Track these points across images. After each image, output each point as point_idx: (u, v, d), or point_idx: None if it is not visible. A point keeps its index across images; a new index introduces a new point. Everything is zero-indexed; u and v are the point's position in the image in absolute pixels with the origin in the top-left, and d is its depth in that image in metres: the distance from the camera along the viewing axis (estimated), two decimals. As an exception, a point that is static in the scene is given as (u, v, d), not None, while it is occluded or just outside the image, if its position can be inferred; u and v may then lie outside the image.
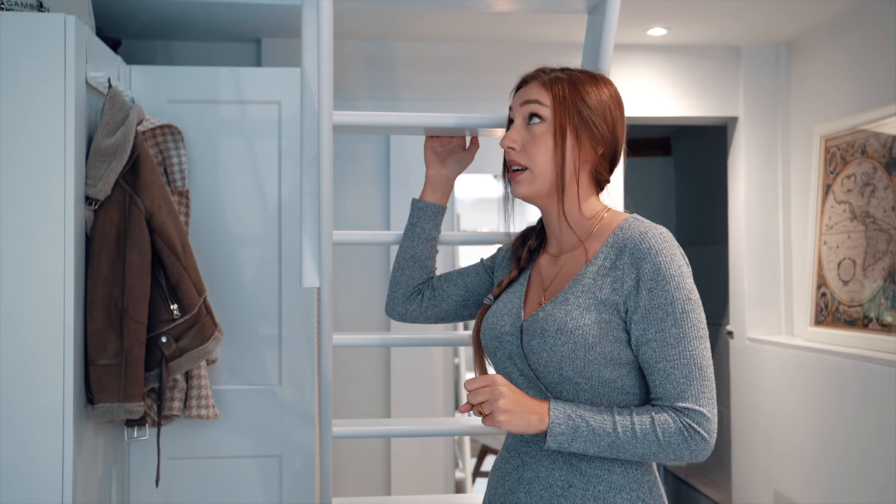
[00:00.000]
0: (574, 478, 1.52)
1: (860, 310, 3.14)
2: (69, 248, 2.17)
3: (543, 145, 1.58)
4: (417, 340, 2.56)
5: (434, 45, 3.71)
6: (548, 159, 1.57)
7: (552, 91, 1.58)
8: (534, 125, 1.59)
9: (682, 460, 1.51)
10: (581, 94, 1.58)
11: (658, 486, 1.57)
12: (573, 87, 1.58)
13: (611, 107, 1.60)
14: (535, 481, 1.55)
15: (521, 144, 1.60)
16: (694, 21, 3.44)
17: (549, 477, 1.54)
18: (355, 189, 3.72)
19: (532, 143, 1.59)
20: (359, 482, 3.71)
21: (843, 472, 3.09)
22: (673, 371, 1.47)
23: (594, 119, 1.58)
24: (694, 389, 1.47)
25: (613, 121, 1.60)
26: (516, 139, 1.60)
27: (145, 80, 2.69)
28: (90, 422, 2.29)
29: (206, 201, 2.72)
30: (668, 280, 1.47)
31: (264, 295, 2.75)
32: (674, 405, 1.47)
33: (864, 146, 3.18)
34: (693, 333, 1.47)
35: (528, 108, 1.60)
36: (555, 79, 1.60)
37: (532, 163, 1.59)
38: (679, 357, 1.47)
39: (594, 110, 1.58)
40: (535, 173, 1.59)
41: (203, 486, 2.72)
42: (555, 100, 1.58)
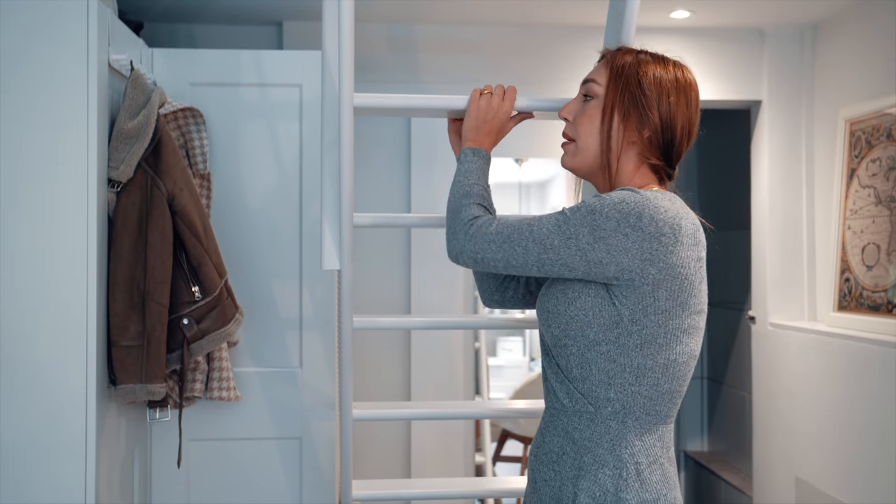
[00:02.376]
0: (567, 446, 1.58)
1: (884, 295, 3.11)
2: (92, 230, 2.18)
3: (590, 121, 1.63)
4: (438, 323, 2.56)
5: (455, 28, 3.70)
6: (592, 134, 1.63)
7: (610, 72, 1.63)
8: (587, 101, 1.65)
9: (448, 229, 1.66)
10: (638, 77, 1.61)
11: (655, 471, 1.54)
12: (633, 69, 1.62)
13: (670, 93, 1.61)
14: (542, 446, 1.64)
15: (574, 117, 1.67)
16: (718, 3, 3.41)
17: (550, 443, 1.61)
18: (376, 172, 3.71)
19: (581, 117, 1.65)
20: (379, 465, 3.73)
21: (865, 458, 3.07)
22: None
23: (644, 102, 1.60)
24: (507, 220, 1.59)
25: (670, 108, 1.61)
26: (571, 110, 1.68)
27: (167, 63, 2.69)
28: (112, 403, 2.31)
29: (228, 184, 2.72)
30: (603, 197, 1.52)
31: (285, 277, 2.76)
32: None
33: (890, 130, 3.14)
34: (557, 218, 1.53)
35: (586, 87, 1.66)
36: (619, 59, 1.64)
37: (577, 136, 1.66)
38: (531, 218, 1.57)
39: (647, 94, 1.60)
40: (578, 147, 1.66)
41: (224, 468, 2.74)
42: (609, 79, 1.62)
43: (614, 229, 1.47)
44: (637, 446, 1.53)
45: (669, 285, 1.50)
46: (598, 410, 1.54)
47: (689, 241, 1.53)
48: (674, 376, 1.55)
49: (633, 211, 1.48)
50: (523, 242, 1.53)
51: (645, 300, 1.50)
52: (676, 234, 1.50)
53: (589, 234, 1.48)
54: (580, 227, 1.49)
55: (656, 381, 1.53)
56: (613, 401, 1.53)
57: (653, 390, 1.54)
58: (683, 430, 5.12)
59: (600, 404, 1.54)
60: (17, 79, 2.15)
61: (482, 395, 4.85)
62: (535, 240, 1.52)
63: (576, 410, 1.56)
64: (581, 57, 3.69)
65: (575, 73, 3.69)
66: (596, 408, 1.54)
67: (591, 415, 1.54)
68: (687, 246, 1.52)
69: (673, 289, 1.50)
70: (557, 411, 1.60)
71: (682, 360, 1.55)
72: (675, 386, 1.56)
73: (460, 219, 1.64)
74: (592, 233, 1.48)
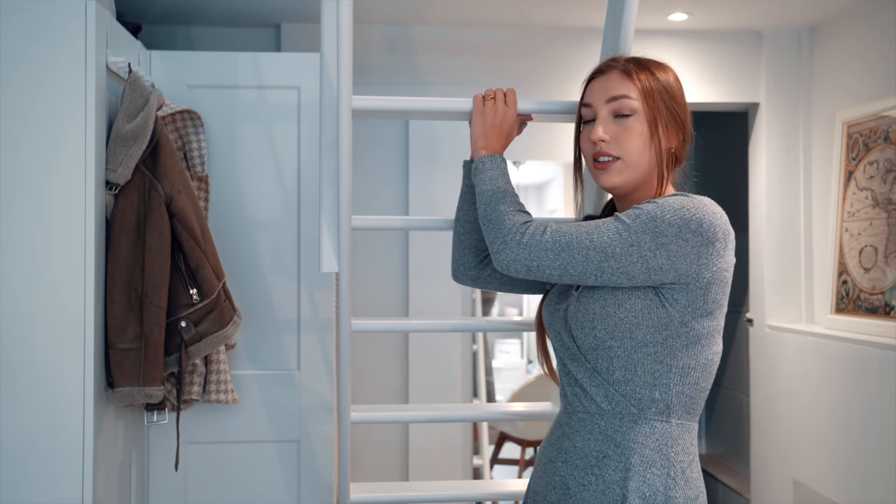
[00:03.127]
0: (609, 448, 1.56)
1: (881, 297, 3.12)
2: (90, 232, 2.17)
3: (637, 136, 1.62)
4: (436, 326, 2.56)
5: (454, 30, 3.70)
6: (641, 149, 1.62)
7: (637, 83, 1.63)
8: (625, 119, 1.63)
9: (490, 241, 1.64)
10: (663, 85, 1.65)
11: (694, 469, 1.58)
12: (654, 77, 1.64)
13: (682, 93, 1.68)
14: (572, 451, 1.60)
15: (613, 136, 1.63)
16: (715, 6, 3.41)
17: (585, 447, 1.59)
18: (374, 174, 3.71)
19: (625, 135, 1.63)
20: (377, 468, 3.72)
21: (863, 460, 3.07)
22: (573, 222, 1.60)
23: (676, 108, 1.65)
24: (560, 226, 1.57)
25: (684, 107, 1.67)
26: (608, 131, 1.64)
27: (165, 65, 2.69)
28: (110, 406, 2.30)
29: (226, 186, 2.72)
30: (659, 202, 1.54)
31: (283, 280, 2.75)
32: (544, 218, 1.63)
33: (887, 132, 3.15)
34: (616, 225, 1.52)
35: (616, 105, 1.63)
36: (636, 70, 1.65)
37: (624, 153, 1.63)
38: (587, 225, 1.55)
39: (676, 99, 1.65)
40: (626, 163, 1.63)
41: (222, 471, 2.73)
42: (643, 92, 1.63)
43: (676, 235, 1.50)
44: (680, 445, 1.56)
45: (716, 288, 1.55)
46: (642, 412, 1.56)
47: (732, 246, 1.58)
48: (709, 374, 1.60)
49: (693, 217, 1.51)
50: (583, 251, 1.53)
51: (695, 302, 1.53)
52: (726, 239, 1.55)
53: (651, 240, 1.50)
54: (642, 233, 1.50)
55: (696, 381, 1.57)
56: (658, 401, 1.55)
57: (693, 389, 1.57)
58: (681, 432, 5.11)
59: (644, 405, 1.56)
60: (14, 81, 2.15)
61: (480, 397, 4.84)
62: (596, 248, 1.52)
63: (616, 413, 1.57)
64: (578, 59, 3.69)
65: (572, 74, 3.70)
66: (639, 409, 1.56)
67: (634, 416, 1.56)
68: (731, 250, 1.57)
69: (717, 291, 1.55)
70: (591, 415, 1.60)
71: (715, 359, 1.60)
72: (708, 383, 1.61)
73: (507, 227, 1.62)
74: (654, 239, 1.50)
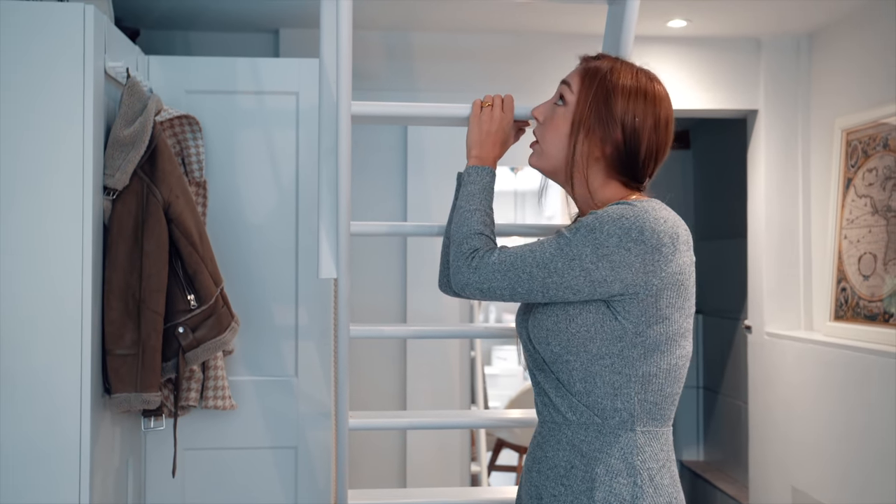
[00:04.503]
0: (575, 459, 1.55)
1: (880, 304, 3.11)
2: (87, 237, 2.16)
3: (555, 129, 1.64)
4: (434, 332, 2.55)
5: (453, 36, 3.70)
6: (556, 142, 1.63)
7: (583, 82, 1.61)
8: (557, 106, 1.64)
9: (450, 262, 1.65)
10: (609, 93, 1.58)
11: (665, 475, 1.55)
12: (606, 83, 1.59)
13: (635, 110, 1.58)
14: (544, 461, 1.60)
15: (543, 119, 1.68)
16: (714, 12, 3.41)
17: (555, 457, 1.58)
18: (372, 180, 3.71)
19: (549, 123, 1.66)
20: (374, 475, 3.71)
21: (862, 468, 3.06)
22: None
23: (609, 118, 1.58)
24: (508, 250, 1.56)
25: (635, 125, 1.58)
26: (542, 112, 1.68)
27: (163, 70, 2.69)
28: (107, 412, 2.29)
29: (224, 192, 2.71)
30: (600, 213, 1.51)
31: (281, 286, 2.75)
32: None
33: (887, 139, 3.15)
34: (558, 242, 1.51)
35: (560, 89, 1.65)
36: (594, 71, 1.62)
37: (543, 140, 1.67)
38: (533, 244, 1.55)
39: (613, 110, 1.58)
40: (543, 150, 1.67)
41: (219, 477, 2.72)
42: (581, 91, 1.61)
43: (617, 245, 1.47)
44: (647, 452, 1.54)
45: (669, 293, 1.51)
46: (606, 421, 1.54)
47: (685, 248, 1.54)
48: (675, 379, 1.57)
49: (634, 226, 1.48)
50: (527, 269, 1.52)
51: (648, 311, 1.51)
52: (675, 243, 1.51)
53: (592, 252, 1.48)
54: (582, 247, 1.49)
55: (660, 387, 1.55)
56: (621, 410, 1.53)
57: (657, 395, 1.55)
58: (679, 439, 5.11)
59: (607, 415, 1.54)
60: (13, 85, 2.14)
61: (478, 404, 4.83)
62: (539, 264, 1.51)
63: (581, 423, 1.55)
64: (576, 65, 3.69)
65: (571, 81, 3.69)
66: (603, 419, 1.54)
67: (599, 426, 1.54)
68: (683, 252, 1.53)
69: (672, 296, 1.52)
70: (559, 425, 1.58)
71: (681, 363, 1.57)
72: (675, 388, 1.58)
73: (461, 251, 1.62)
74: (595, 251, 1.48)
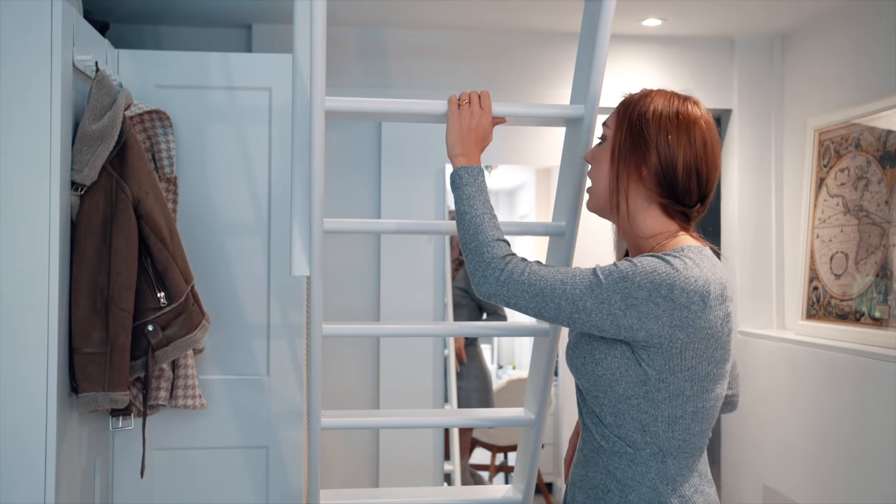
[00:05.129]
0: (611, 483, 1.59)
1: (852, 304, 3.13)
2: (54, 234, 2.13)
3: (599, 165, 1.68)
4: (408, 331, 2.53)
5: (427, 34, 3.68)
6: (602, 177, 1.67)
7: (618, 114, 1.66)
8: (601, 146, 1.70)
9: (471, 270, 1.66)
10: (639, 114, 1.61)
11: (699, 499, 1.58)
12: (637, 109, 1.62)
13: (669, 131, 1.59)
14: (586, 480, 1.64)
15: (591, 161, 1.72)
16: (689, 12, 3.42)
17: (594, 478, 1.62)
18: (345, 177, 3.68)
19: (595, 163, 1.70)
20: (346, 474, 3.69)
21: (834, 466, 3.08)
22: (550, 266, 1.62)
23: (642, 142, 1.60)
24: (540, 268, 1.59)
25: (670, 147, 1.58)
26: (590, 156, 1.73)
27: (133, 64, 2.65)
28: (74, 411, 2.26)
29: (195, 188, 2.68)
30: (636, 261, 1.52)
31: (252, 284, 2.72)
32: None
33: (859, 140, 3.16)
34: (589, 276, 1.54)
35: (602, 130, 1.70)
36: (627, 102, 1.66)
37: (593, 179, 1.71)
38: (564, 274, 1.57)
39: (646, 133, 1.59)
40: (594, 189, 1.71)
41: (189, 477, 2.69)
42: (616, 124, 1.65)
43: (646, 298, 1.49)
44: (678, 481, 1.57)
45: (696, 346, 1.53)
46: (637, 452, 1.57)
47: (717, 303, 1.53)
48: (704, 419, 1.59)
49: (664, 282, 1.49)
50: (556, 300, 1.55)
51: (672, 361, 1.52)
52: (705, 300, 1.51)
53: (621, 300, 1.50)
54: (613, 293, 1.51)
55: (687, 427, 1.57)
56: (650, 444, 1.57)
57: (685, 433, 1.57)
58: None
59: (638, 447, 1.57)
60: (-23, 78, 2.10)
61: (451, 402, 4.82)
62: (568, 299, 1.54)
63: (615, 451, 1.59)
64: (552, 63, 3.69)
65: (546, 78, 3.69)
66: (634, 450, 1.58)
67: (631, 455, 1.58)
68: (714, 308, 1.53)
69: (700, 348, 1.53)
70: (596, 450, 1.63)
71: (710, 405, 1.59)
72: (705, 427, 1.61)
73: (486, 260, 1.64)
74: (624, 300, 1.50)
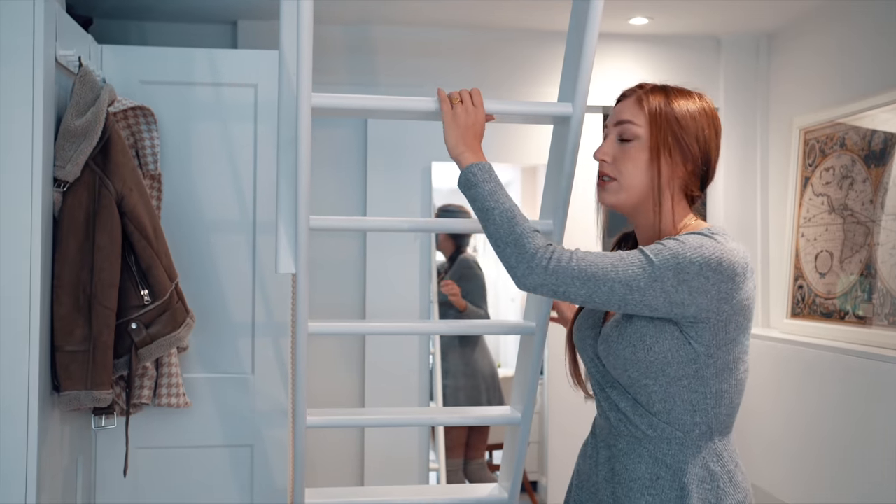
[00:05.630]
0: (661, 470, 1.64)
1: (836, 302, 3.14)
2: (36, 230, 2.11)
3: (633, 161, 1.69)
4: (394, 329, 2.53)
5: (414, 31, 3.66)
6: (637, 173, 1.69)
7: (647, 110, 1.69)
8: (627, 143, 1.70)
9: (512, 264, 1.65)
10: (675, 114, 1.68)
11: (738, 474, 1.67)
12: (668, 106, 1.69)
13: (703, 126, 1.70)
14: (624, 473, 1.68)
15: (613, 157, 1.72)
16: (676, 10, 3.42)
17: (637, 470, 1.66)
18: (330, 175, 3.66)
19: (624, 157, 1.70)
20: (331, 473, 3.67)
21: (818, 464, 3.09)
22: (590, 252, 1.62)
23: (686, 139, 1.68)
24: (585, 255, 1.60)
25: (706, 139, 1.70)
26: (608, 152, 1.73)
27: (117, 60, 2.63)
28: (56, 410, 2.24)
29: (179, 185, 2.66)
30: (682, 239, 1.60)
31: (237, 282, 2.70)
32: None
33: (844, 139, 3.17)
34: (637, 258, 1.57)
35: (621, 129, 1.71)
36: (651, 98, 1.70)
37: (620, 175, 1.71)
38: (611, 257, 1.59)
39: (686, 130, 1.68)
40: (622, 184, 1.71)
41: (172, 477, 2.67)
42: (650, 120, 1.68)
43: (697, 273, 1.56)
44: (725, 457, 1.67)
45: (737, 318, 1.62)
46: (687, 434, 1.65)
47: (750, 275, 1.64)
48: (741, 392, 1.69)
49: (713, 256, 1.57)
50: (609, 283, 1.58)
51: (718, 335, 1.61)
52: (744, 272, 1.61)
53: (673, 276, 1.56)
54: (665, 269, 1.56)
55: (731, 400, 1.67)
56: (700, 423, 1.64)
57: (728, 408, 1.67)
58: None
59: (688, 429, 1.65)
60: (-42, 73, 2.08)
61: (436, 401, 4.81)
62: (622, 281, 1.57)
63: (663, 438, 1.65)
64: (539, 61, 3.68)
65: (533, 76, 3.68)
66: (684, 433, 1.65)
67: (681, 439, 1.65)
68: (749, 279, 1.63)
69: (739, 320, 1.63)
70: (639, 440, 1.67)
71: (745, 377, 1.70)
72: (741, 399, 1.71)
73: (529, 252, 1.64)
74: (676, 276, 1.56)
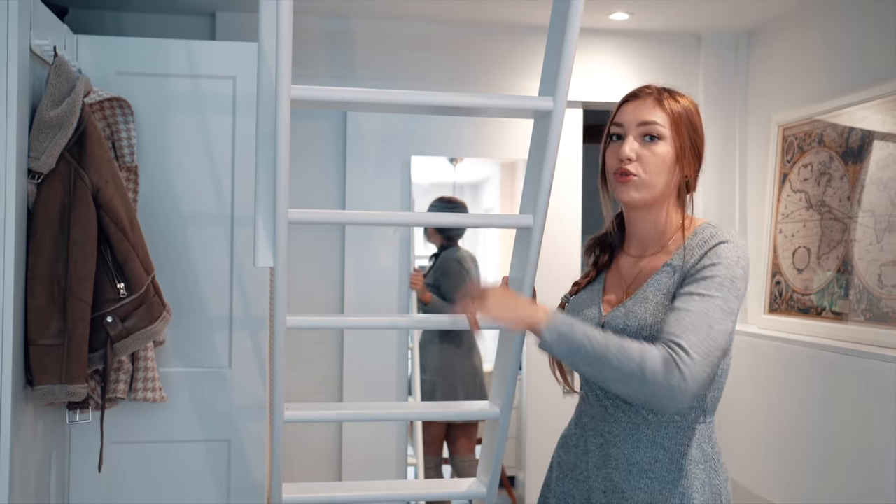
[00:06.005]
0: (659, 454, 1.70)
1: (813, 298, 3.16)
2: (9, 222, 2.08)
3: (660, 159, 1.74)
4: (373, 323, 2.51)
5: (395, 24, 3.65)
6: (663, 172, 1.74)
7: (667, 112, 1.75)
8: (652, 142, 1.74)
9: (659, 397, 1.56)
10: (689, 116, 1.78)
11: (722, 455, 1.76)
12: (682, 108, 1.77)
13: (700, 126, 1.81)
14: (621, 458, 1.72)
15: (638, 156, 1.75)
16: (656, 6, 3.42)
17: (635, 454, 1.71)
18: (309, 169, 3.64)
19: (649, 156, 1.74)
20: (309, 467, 3.66)
21: (796, 459, 3.10)
22: (684, 318, 1.58)
23: (696, 139, 1.79)
24: (694, 337, 1.55)
25: (703, 139, 1.81)
26: (635, 150, 1.76)
27: (93, 50, 2.59)
28: (29, 404, 2.21)
29: (156, 178, 2.63)
30: (724, 259, 1.64)
31: (215, 275, 2.68)
32: (667, 339, 1.57)
33: (822, 136, 3.19)
34: (720, 304, 1.60)
35: (646, 129, 1.75)
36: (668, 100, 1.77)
37: (646, 172, 1.74)
38: (697, 310, 1.58)
39: (697, 130, 1.79)
40: (645, 182, 1.74)
41: (148, 472, 2.65)
42: (672, 121, 1.75)
43: (742, 277, 1.66)
44: (714, 439, 1.75)
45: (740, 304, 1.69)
46: (685, 418, 1.72)
47: None
48: (727, 375, 1.78)
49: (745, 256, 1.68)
50: (720, 346, 1.60)
51: None
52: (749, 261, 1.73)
53: (735, 298, 1.64)
54: (733, 299, 1.63)
55: (721, 384, 1.76)
56: (696, 407, 1.72)
57: (718, 392, 1.75)
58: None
59: (685, 412, 1.71)
60: (-70, 61, 2.04)
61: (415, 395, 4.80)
62: (722, 333, 1.61)
63: (662, 422, 1.71)
64: (519, 55, 3.67)
65: (512, 70, 3.68)
66: (682, 416, 1.71)
67: (678, 423, 1.71)
68: None
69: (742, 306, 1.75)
70: (638, 425, 1.72)
71: (730, 361, 1.79)
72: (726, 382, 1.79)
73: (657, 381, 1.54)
74: (737, 296, 1.65)
